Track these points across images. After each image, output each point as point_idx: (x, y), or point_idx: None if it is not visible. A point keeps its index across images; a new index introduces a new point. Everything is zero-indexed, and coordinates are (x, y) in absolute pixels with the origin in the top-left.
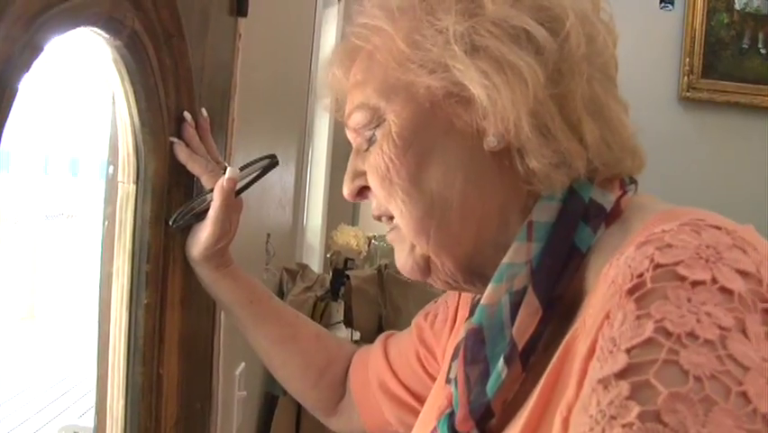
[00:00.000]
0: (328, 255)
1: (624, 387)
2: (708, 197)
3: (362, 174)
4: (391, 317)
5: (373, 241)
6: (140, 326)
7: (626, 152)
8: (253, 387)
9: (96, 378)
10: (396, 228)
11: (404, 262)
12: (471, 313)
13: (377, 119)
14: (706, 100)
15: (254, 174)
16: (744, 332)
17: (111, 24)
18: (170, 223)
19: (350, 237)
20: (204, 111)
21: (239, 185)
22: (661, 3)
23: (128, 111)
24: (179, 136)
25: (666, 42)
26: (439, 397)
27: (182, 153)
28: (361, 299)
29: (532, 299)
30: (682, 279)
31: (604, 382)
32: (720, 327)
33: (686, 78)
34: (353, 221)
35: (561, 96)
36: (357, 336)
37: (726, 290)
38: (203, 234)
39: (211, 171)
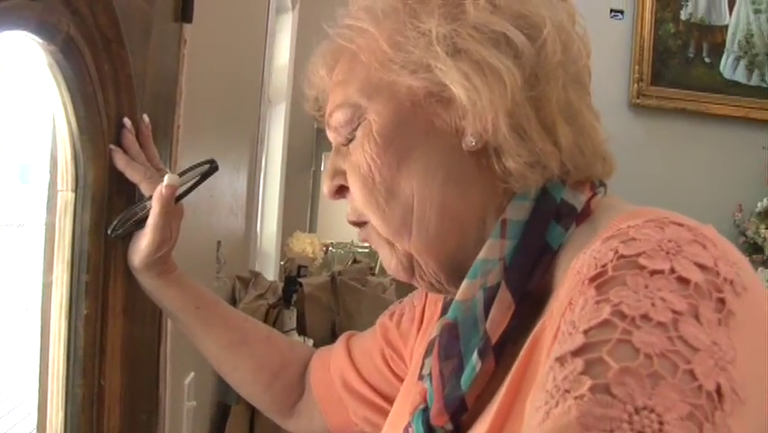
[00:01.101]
0: (282, 263)
1: (578, 363)
2: (656, 200)
3: (342, 173)
4: (345, 323)
5: (330, 248)
6: (79, 336)
7: (597, 157)
8: (204, 397)
9: (37, 391)
10: (370, 229)
11: (388, 262)
12: (444, 312)
13: (358, 118)
14: (655, 107)
15: (194, 180)
16: (696, 317)
17: (44, 29)
18: (109, 231)
19: (305, 244)
20: (145, 118)
21: (179, 191)
22: (611, 12)
23: (66, 118)
24: (119, 143)
25: (617, 51)
26: (411, 394)
27: (120, 161)
28: (314, 306)
29: (505, 295)
30: (642, 268)
31: (561, 360)
32: (673, 311)
33: (636, 85)
34: (310, 228)
35: (537, 99)
36: (310, 343)
37: (683, 280)
38: (143, 242)
39: (150, 179)
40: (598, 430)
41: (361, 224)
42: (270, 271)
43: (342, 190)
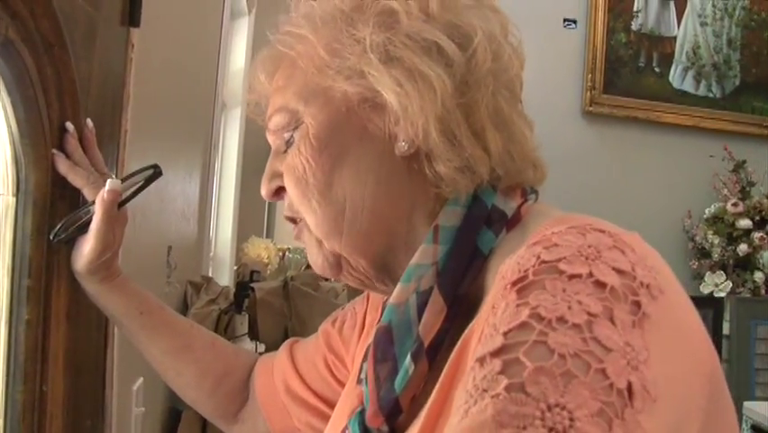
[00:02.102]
0: (235, 268)
1: (496, 364)
2: (608, 205)
3: (279, 175)
4: (297, 328)
5: (287, 254)
6: (20, 343)
7: (527, 163)
8: (154, 402)
9: None
10: (302, 226)
11: (315, 259)
12: (381, 316)
13: (295, 122)
14: (607, 114)
15: (138, 185)
16: (611, 319)
17: None
18: (51, 237)
19: (261, 249)
20: (89, 122)
21: (122, 196)
22: (564, 22)
23: (6, 121)
24: (62, 148)
25: (570, 59)
26: (350, 398)
27: (62, 165)
28: (266, 311)
29: (437, 299)
30: (561, 272)
31: (481, 361)
32: (588, 313)
33: (589, 93)
34: (267, 233)
35: (467, 105)
36: (262, 348)
37: (599, 283)
38: (86, 247)
39: (93, 183)
40: (513, 427)
41: (296, 220)
42: (225, 277)
43: (279, 192)
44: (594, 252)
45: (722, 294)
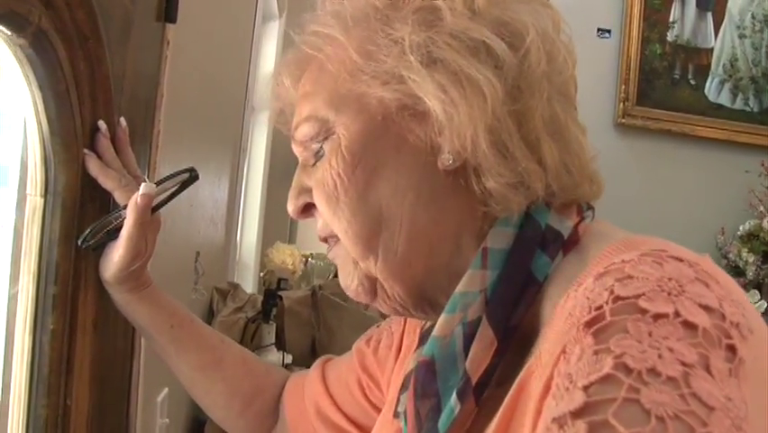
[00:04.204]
0: (261, 274)
1: (581, 427)
2: (639, 220)
3: (308, 190)
4: (325, 339)
5: (310, 260)
6: (44, 354)
7: (584, 177)
8: (178, 413)
9: None
10: (337, 245)
11: (348, 282)
12: (421, 342)
13: (325, 132)
14: (640, 127)
15: (172, 189)
16: (707, 369)
17: (12, 19)
18: (80, 242)
19: (286, 256)
20: (123, 121)
21: (155, 201)
22: (598, 31)
23: (36, 118)
24: (93, 147)
25: (603, 70)
26: (385, 431)
27: (94, 166)
28: (294, 320)
29: (486, 331)
30: (644, 312)
31: (559, 422)
32: (683, 364)
33: (622, 104)
34: (290, 238)
35: (520, 113)
36: (289, 359)
37: (689, 325)
38: (116, 255)
39: (125, 186)
40: None
41: (331, 240)
42: (249, 283)
43: (308, 209)
44: (676, 286)
45: None
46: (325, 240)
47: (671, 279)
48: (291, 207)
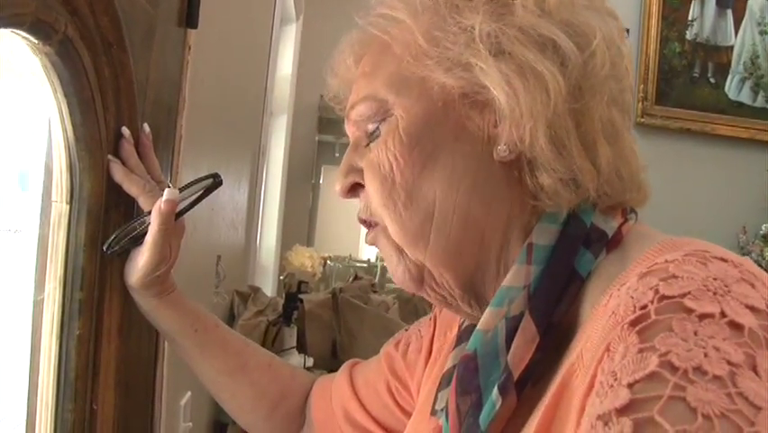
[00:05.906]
0: (281, 277)
1: (626, 424)
2: (659, 220)
3: (357, 170)
4: (346, 342)
5: (329, 262)
6: (71, 358)
7: (634, 184)
8: (200, 416)
9: (25, 415)
10: (378, 230)
11: (394, 269)
12: (459, 341)
13: (383, 113)
14: (659, 126)
15: (196, 195)
16: (754, 369)
17: (39, 28)
18: (105, 248)
19: (305, 258)
20: (146, 127)
21: (179, 207)
22: None
23: (61, 125)
24: (117, 153)
25: None
26: (421, 430)
27: (118, 172)
28: (315, 323)
29: (529, 325)
30: (689, 311)
31: (604, 419)
32: (729, 363)
33: (641, 104)
34: (308, 241)
35: (579, 112)
36: (310, 362)
37: (735, 325)
38: (140, 260)
39: (149, 192)
40: None
41: (370, 224)
42: (269, 286)
43: (355, 189)
44: (721, 285)
45: None
46: (365, 222)
47: (716, 279)
48: (339, 186)
